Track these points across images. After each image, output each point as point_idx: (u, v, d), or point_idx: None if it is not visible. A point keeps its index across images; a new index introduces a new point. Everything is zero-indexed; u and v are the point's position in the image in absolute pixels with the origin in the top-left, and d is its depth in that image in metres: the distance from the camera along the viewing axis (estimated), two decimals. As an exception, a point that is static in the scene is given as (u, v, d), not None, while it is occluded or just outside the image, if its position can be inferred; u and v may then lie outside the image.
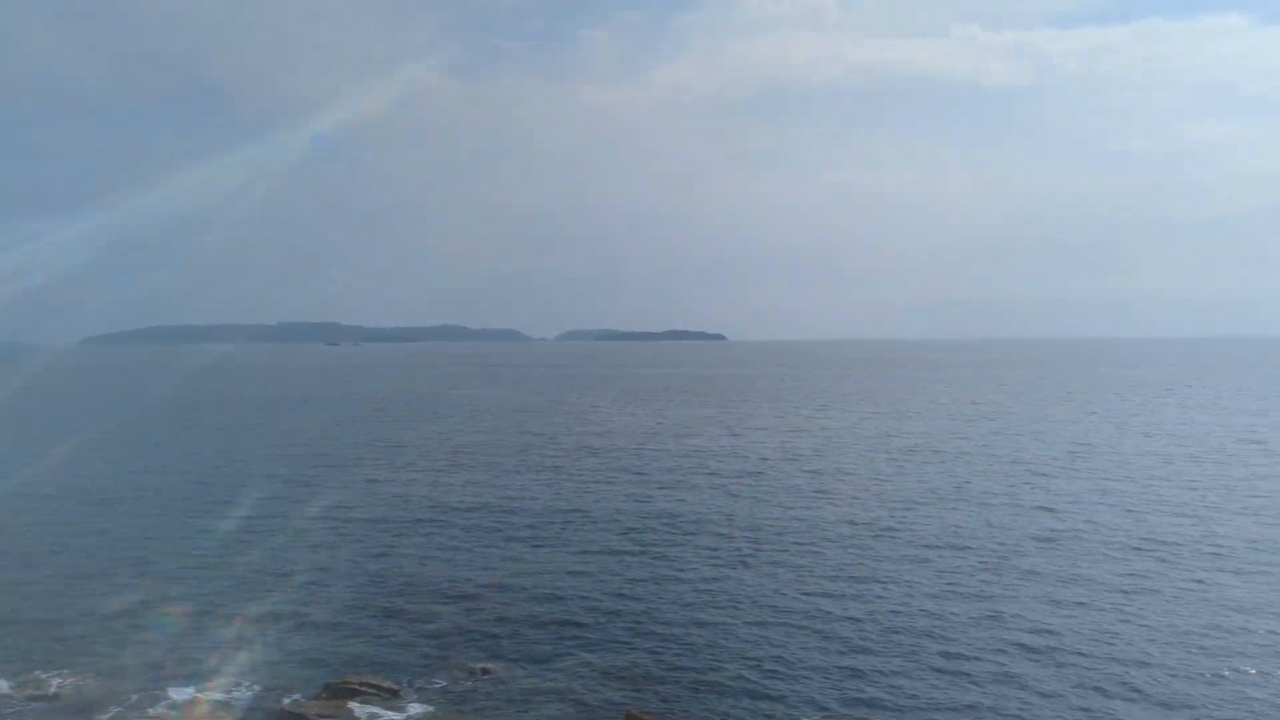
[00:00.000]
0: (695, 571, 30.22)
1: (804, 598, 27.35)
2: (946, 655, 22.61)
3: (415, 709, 20.85)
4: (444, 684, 21.89)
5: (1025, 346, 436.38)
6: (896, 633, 24.37)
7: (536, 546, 33.81)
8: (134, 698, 20.95)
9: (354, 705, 20.91)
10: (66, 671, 22.34)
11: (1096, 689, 20.39)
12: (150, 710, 20.65)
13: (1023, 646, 23.04)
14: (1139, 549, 31.86)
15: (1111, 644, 22.92)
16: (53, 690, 21.70)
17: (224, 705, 20.60)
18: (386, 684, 21.92)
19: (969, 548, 32.55)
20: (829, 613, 26.02)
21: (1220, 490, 42.47)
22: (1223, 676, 21.02)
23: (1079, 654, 22.44)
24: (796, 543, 33.89)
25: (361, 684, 21.78)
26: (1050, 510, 38.26)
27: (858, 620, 25.26)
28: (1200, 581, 28.08)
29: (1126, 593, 26.95)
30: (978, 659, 22.35)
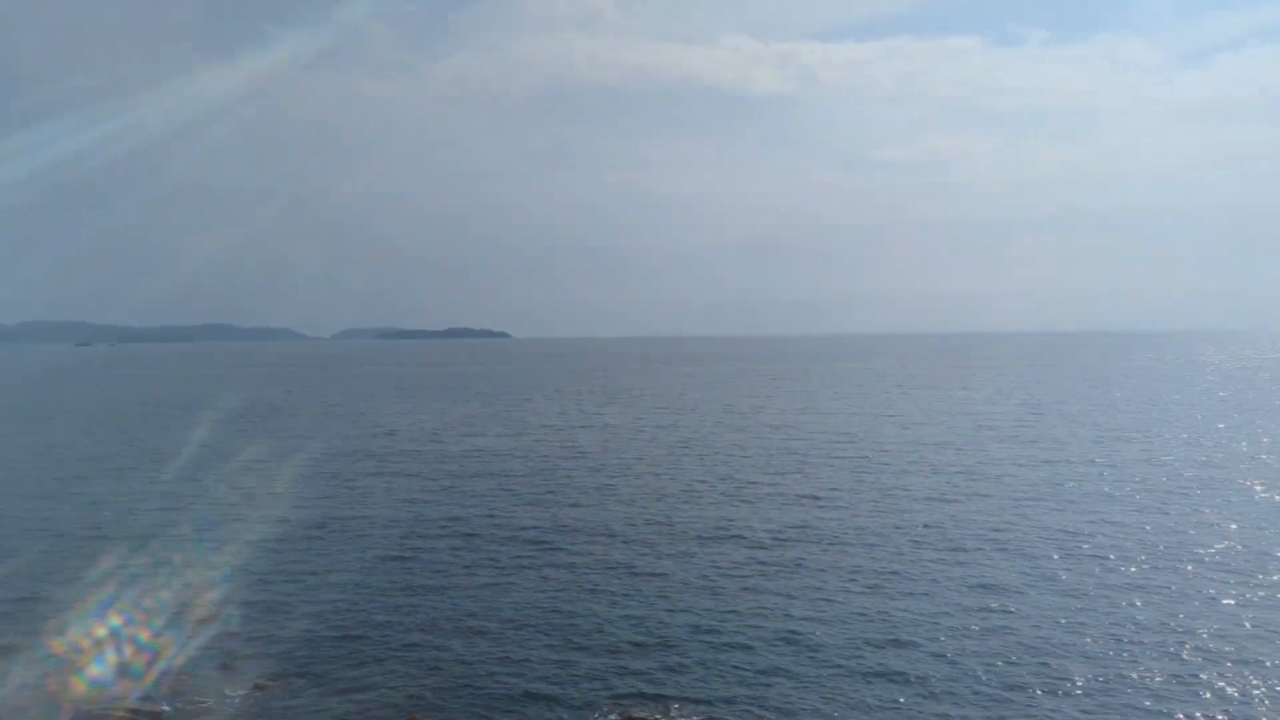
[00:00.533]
0: (475, 578, 29.66)
1: (587, 595, 27.48)
2: (715, 646, 23.39)
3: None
4: (210, 703, 20.70)
5: (799, 344, 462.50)
6: (668, 625, 24.90)
7: (317, 556, 32.55)
8: None
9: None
10: None
11: (867, 675, 21.76)
12: None
13: (786, 638, 24.10)
14: (891, 535, 34.43)
15: (867, 628, 24.66)
16: None
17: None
18: (147, 708, 20.48)
19: (740, 537, 34.05)
20: (606, 611, 26.20)
21: (965, 474, 46.86)
22: (969, 654, 22.81)
23: (833, 641, 23.73)
24: (576, 542, 33.95)
25: (125, 711, 20.24)
26: (815, 499, 40.88)
27: (637, 618, 25.58)
28: (943, 563, 30.44)
29: (880, 577, 29.04)
30: (740, 649, 23.29)
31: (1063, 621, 24.36)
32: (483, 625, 25.25)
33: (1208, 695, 19.96)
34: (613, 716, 19.96)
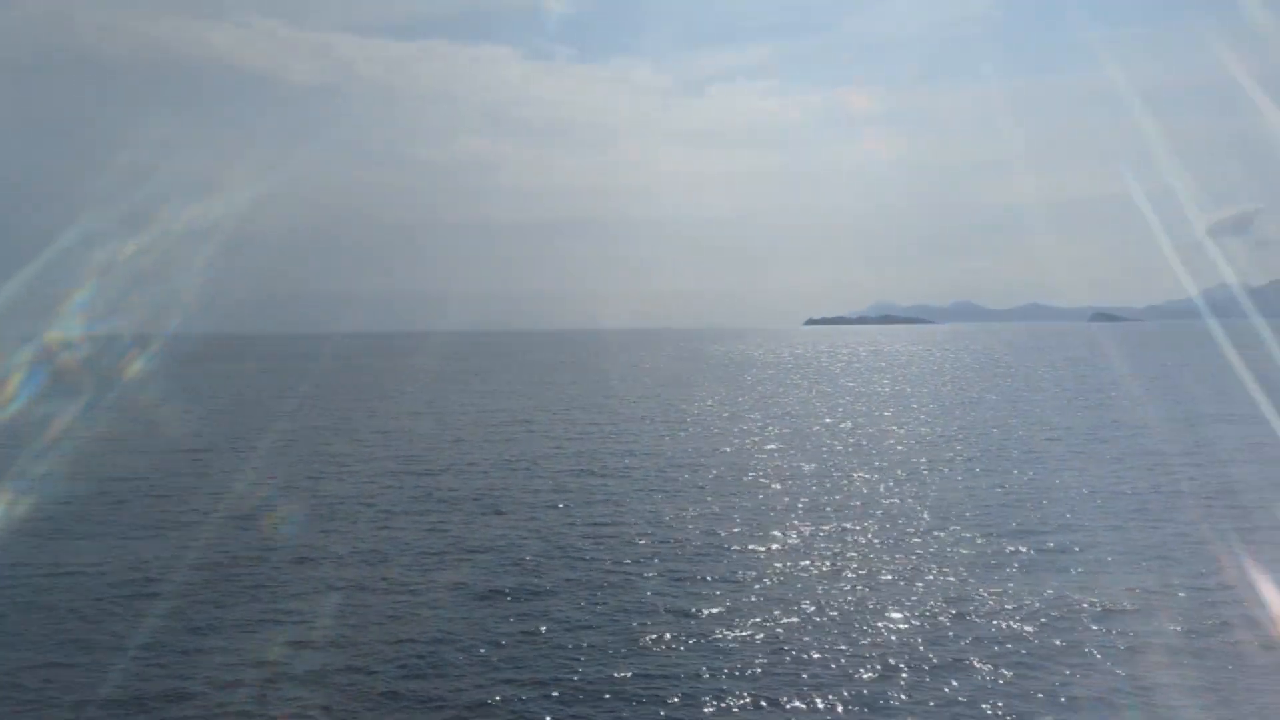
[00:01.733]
0: None
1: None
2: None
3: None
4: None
5: (337, 341, 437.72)
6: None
7: None
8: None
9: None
10: None
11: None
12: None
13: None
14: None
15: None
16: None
17: None
18: None
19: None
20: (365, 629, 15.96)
21: (622, 475, 38.92)
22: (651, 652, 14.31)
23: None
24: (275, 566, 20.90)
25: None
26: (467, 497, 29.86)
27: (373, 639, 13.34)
28: (624, 562, 22.79)
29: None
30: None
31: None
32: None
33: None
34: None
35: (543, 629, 19.45)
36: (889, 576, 22.94)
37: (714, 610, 20.52)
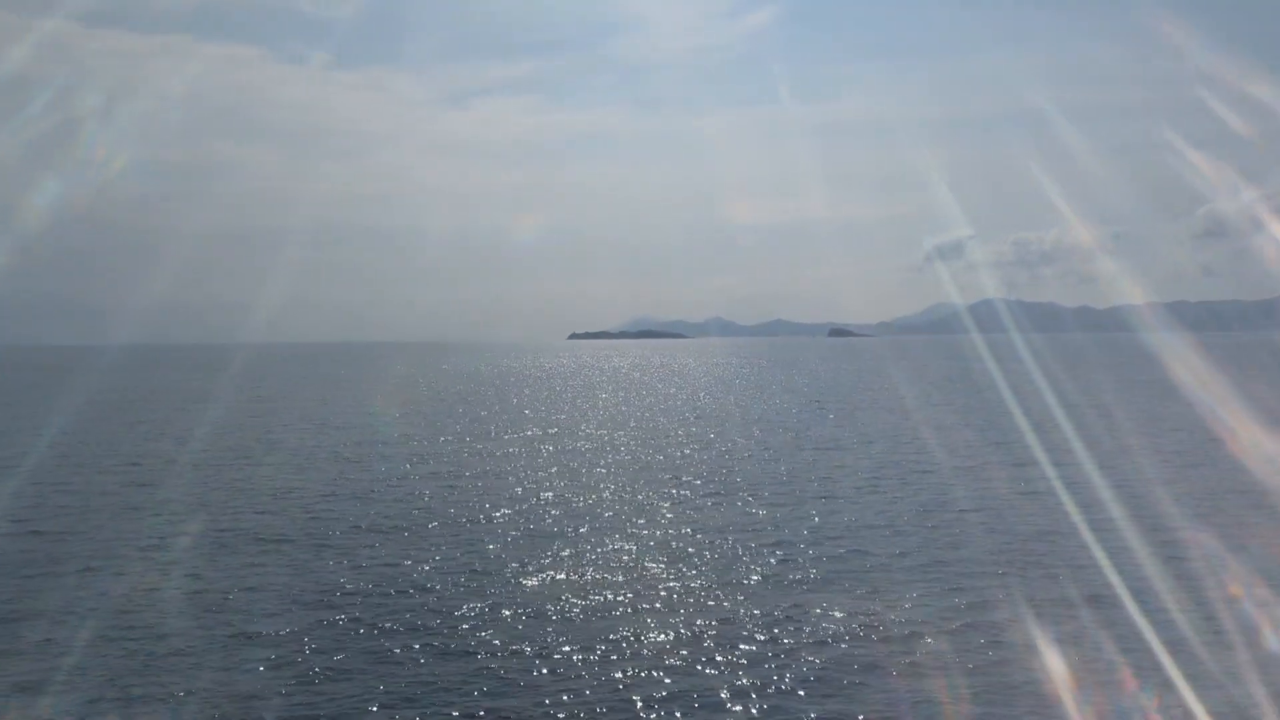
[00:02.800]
0: None
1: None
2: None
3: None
4: None
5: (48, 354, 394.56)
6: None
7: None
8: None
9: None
10: None
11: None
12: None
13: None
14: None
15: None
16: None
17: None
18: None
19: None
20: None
21: (350, 482, 39.25)
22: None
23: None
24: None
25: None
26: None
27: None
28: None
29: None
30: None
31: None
32: None
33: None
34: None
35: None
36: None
37: (463, 637, 19.44)
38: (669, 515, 31.55)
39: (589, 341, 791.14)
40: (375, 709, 15.89)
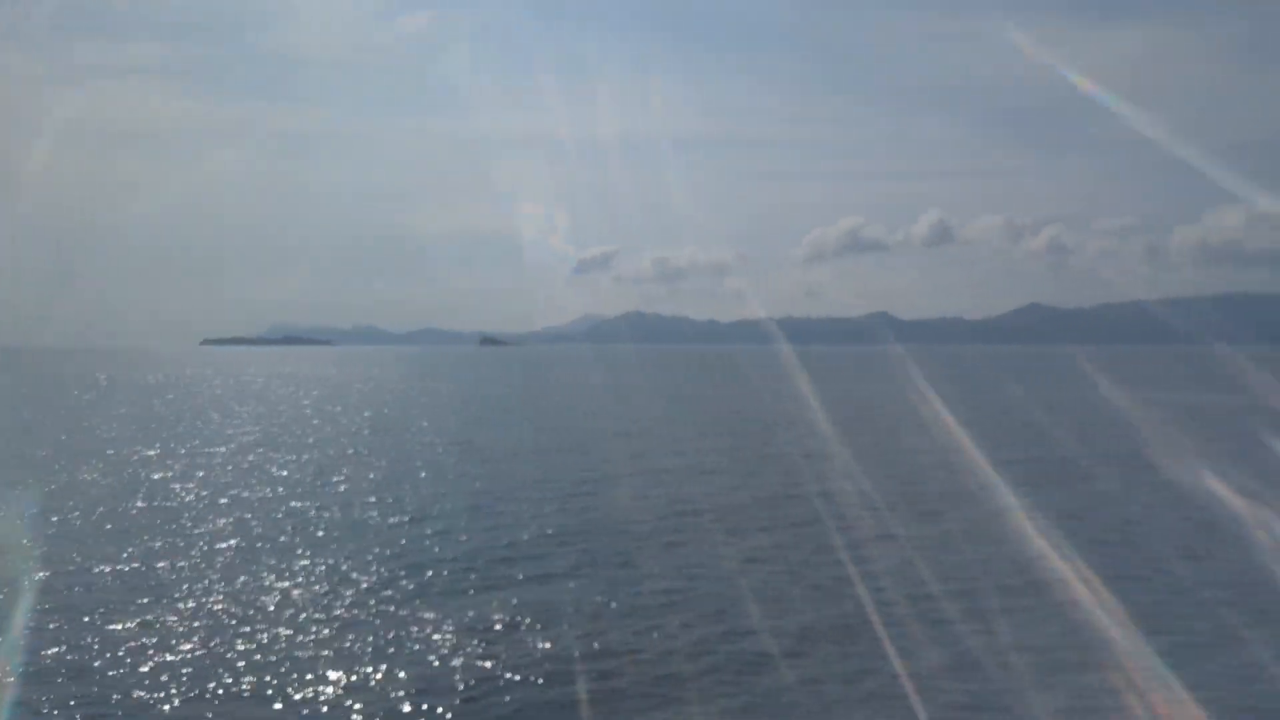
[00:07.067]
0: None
1: None
2: None
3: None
4: None
5: None
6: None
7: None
8: None
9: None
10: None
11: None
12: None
13: None
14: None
15: None
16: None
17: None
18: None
19: None
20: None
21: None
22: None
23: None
24: None
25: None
26: None
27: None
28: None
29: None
30: None
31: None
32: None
33: None
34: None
35: None
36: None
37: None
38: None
39: (224, 349, 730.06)
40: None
